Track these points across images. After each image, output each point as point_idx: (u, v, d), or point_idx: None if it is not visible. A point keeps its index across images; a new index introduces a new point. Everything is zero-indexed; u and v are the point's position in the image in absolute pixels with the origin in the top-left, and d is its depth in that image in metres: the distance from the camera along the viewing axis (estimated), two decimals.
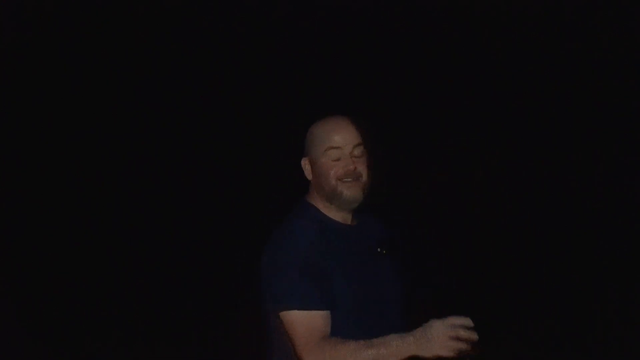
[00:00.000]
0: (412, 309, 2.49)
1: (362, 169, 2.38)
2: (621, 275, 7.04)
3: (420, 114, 8.83)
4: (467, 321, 2.13)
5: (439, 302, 6.57)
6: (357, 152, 2.38)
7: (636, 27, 8.09)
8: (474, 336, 2.09)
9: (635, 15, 7.97)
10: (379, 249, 2.47)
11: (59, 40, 8.92)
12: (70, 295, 7.07)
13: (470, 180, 8.86)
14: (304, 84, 8.74)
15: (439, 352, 2.09)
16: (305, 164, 2.42)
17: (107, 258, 7.94)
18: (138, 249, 8.14)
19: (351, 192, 2.37)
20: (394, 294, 2.46)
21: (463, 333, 2.10)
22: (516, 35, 8.59)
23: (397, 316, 2.43)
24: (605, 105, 8.55)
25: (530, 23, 8.52)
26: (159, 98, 9.17)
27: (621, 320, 6.21)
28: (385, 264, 2.47)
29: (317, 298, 2.23)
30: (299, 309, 2.22)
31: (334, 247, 2.33)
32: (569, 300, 6.72)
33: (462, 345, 2.07)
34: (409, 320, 2.39)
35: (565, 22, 8.45)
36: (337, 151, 2.36)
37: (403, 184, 8.30)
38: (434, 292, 6.69)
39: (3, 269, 7.59)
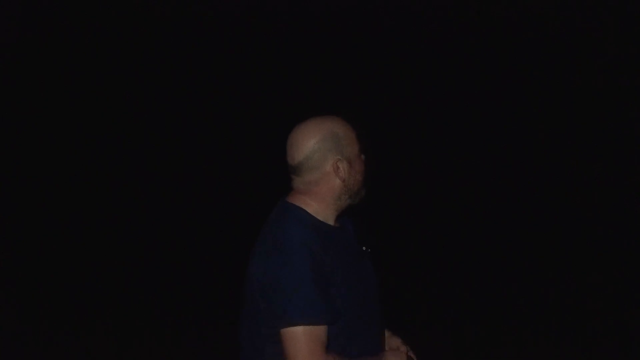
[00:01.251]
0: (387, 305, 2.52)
1: None
2: (620, 275, 7.04)
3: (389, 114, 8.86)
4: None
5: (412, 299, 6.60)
6: None
7: (636, 27, 8.10)
8: None
9: (635, 15, 7.98)
10: (363, 248, 2.48)
11: (56, 40, 8.93)
12: (67, 295, 7.08)
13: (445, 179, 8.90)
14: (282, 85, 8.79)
15: None
16: (341, 164, 2.35)
17: (100, 258, 7.95)
18: (130, 249, 8.15)
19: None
20: (376, 290, 2.47)
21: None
22: (511, 36, 8.61)
23: (380, 313, 2.46)
24: (605, 106, 8.56)
25: (527, 24, 8.54)
26: (147, 100, 9.19)
27: (620, 320, 6.21)
28: (367, 261, 2.49)
29: (324, 311, 2.21)
30: (307, 324, 2.19)
31: (331, 251, 2.30)
32: (563, 300, 6.73)
33: None
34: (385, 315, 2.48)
35: (561, 22, 8.47)
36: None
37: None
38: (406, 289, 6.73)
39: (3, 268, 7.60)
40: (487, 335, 6.01)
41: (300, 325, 2.18)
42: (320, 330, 2.20)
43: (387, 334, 2.54)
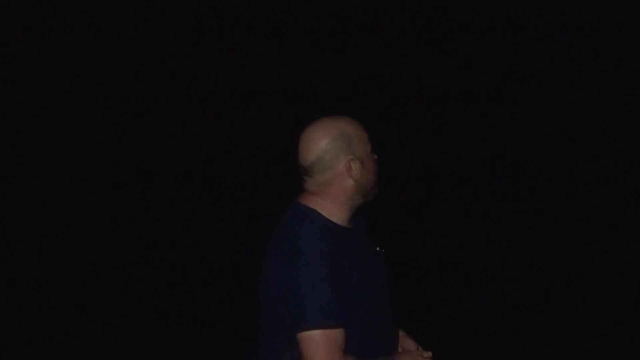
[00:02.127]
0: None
1: None
2: (620, 275, 7.04)
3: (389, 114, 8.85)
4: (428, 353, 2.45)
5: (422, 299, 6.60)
6: None
7: (636, 27, 8.10)
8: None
9: (635, 15, 7.98)
10: (377, 248, 2.46)
11: (56, 40, 8.93)
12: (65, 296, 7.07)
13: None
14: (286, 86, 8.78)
15: None
16: (353, 163, 2.34)
17: (101, 258, 7.94)
18: (129, 250, 8.15)
19: None
20: (389, 291, 2.46)
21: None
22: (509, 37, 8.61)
23: (393, 313, 2.45)
24: (605, 106, 8.55)
25: (526, 25, 8.54)
26: (147, 100, 9.17)
27: (620, 320, 6.21)
28: (381, 262, 2.47)
29: (341, 315, 2.21)
30: (324, 328, 2.19)
31: (345, 253, 2.30)
32: (561, 300, 6.73)
33: None
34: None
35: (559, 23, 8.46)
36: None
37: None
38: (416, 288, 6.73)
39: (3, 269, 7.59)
40: (487, 335, 6.00)
41: (317, 329, 2.19)
42: (337, 334, 2.20)
43: (401, 334, 2.53)
